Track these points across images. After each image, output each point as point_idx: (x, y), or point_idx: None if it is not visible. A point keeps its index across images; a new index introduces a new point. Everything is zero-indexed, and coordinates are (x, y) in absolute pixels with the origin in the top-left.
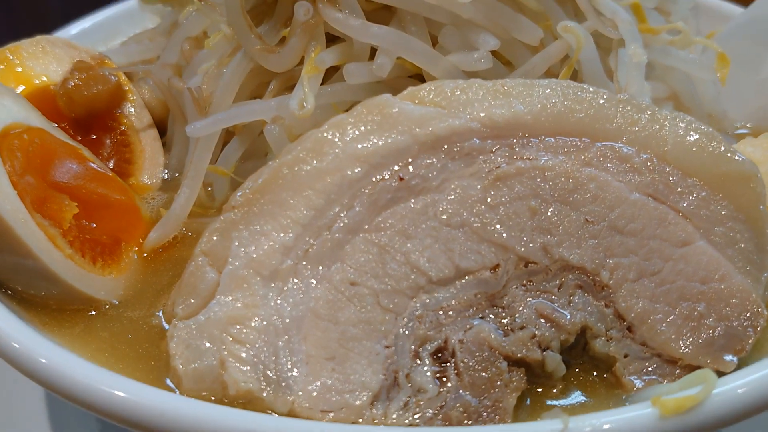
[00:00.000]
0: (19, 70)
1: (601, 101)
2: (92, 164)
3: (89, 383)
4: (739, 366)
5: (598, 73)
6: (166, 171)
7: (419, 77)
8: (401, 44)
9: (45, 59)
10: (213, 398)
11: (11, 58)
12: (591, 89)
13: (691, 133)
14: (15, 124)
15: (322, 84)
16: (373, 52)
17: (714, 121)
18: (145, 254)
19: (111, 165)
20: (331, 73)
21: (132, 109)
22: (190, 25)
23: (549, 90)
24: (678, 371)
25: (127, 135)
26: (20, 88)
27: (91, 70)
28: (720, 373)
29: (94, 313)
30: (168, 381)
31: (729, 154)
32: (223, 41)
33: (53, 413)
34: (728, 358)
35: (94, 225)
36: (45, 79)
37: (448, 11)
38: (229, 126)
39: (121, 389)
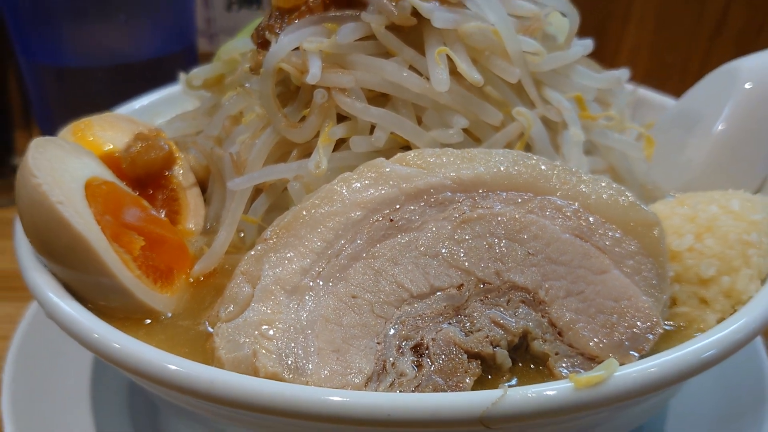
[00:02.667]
0: (91, 139)
1: (542, 166)
2: (151, 211)
3: (155, 361)
4: None
5: (546, 147)
6: (206, 221)
7: (407, 147)
8: (394, 123)
9: (111, 131)
10: None
11: (83, 128)
12: (535, 157)
13: (608, 190)
14: (95, 178)
15: (333, 151)
16: (373, 127)
17: (647, 190)
18: (192, 280)
19: (162, 214)
20: (340, 144)
21: (180, 171)
22: (230, 106)
23: (503, 157)
24: (594, 365)
25: (176, 191)
26: None
27: (149, 140)
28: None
29: (150, 321)
30: None
31: (637, 206)
32: (256, 119)
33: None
34: (633, 354)
35: (154, 255)
36: (111, 146)
37: (430, 98)
38: (260, 183)
39: (179, 365)
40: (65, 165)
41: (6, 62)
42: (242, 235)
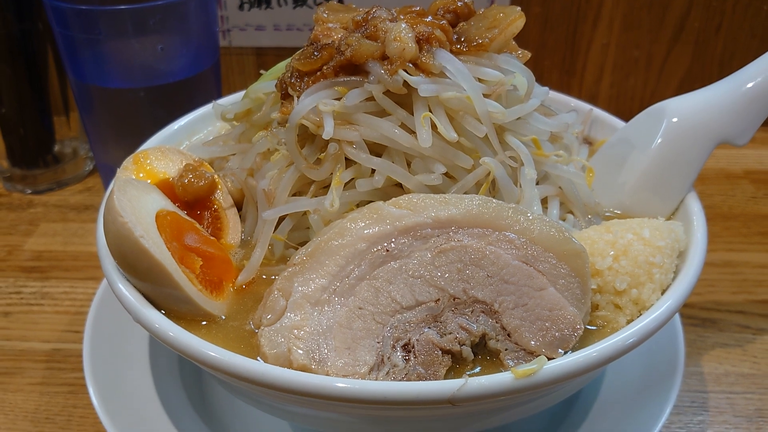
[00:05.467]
0: (148, 168)
1: (500, 208)
2: (203, 233)
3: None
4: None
5: (508, 184)
6: (243, 235)
7: (400, 185)
8: (389, 169)
9: (164, 160)
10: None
11: (141, 159)
12: (495, 201)
13: (548, 226)
14: (162, 209)
15: (343, 190)
16: (373, 171)
17: (589, 208)
18: (235, 289)
19: (209, 231)
20: (347, 184)
21: (221, 195)
22: (260, 145)
23: (471, 201)
24: (533, 358)
25: (218, 212)
26: (149, 180)
27: (197, 170)
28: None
29: (206, 323)
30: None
31: (569, 239)
32: (282, 159)
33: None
34: (560, 351)
35: (209, 270)
36: (165, 174)
37: (417, 151)
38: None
39: (246, 364)
40: (141, 203)
41: (46, 64)
42: (271, 248)
